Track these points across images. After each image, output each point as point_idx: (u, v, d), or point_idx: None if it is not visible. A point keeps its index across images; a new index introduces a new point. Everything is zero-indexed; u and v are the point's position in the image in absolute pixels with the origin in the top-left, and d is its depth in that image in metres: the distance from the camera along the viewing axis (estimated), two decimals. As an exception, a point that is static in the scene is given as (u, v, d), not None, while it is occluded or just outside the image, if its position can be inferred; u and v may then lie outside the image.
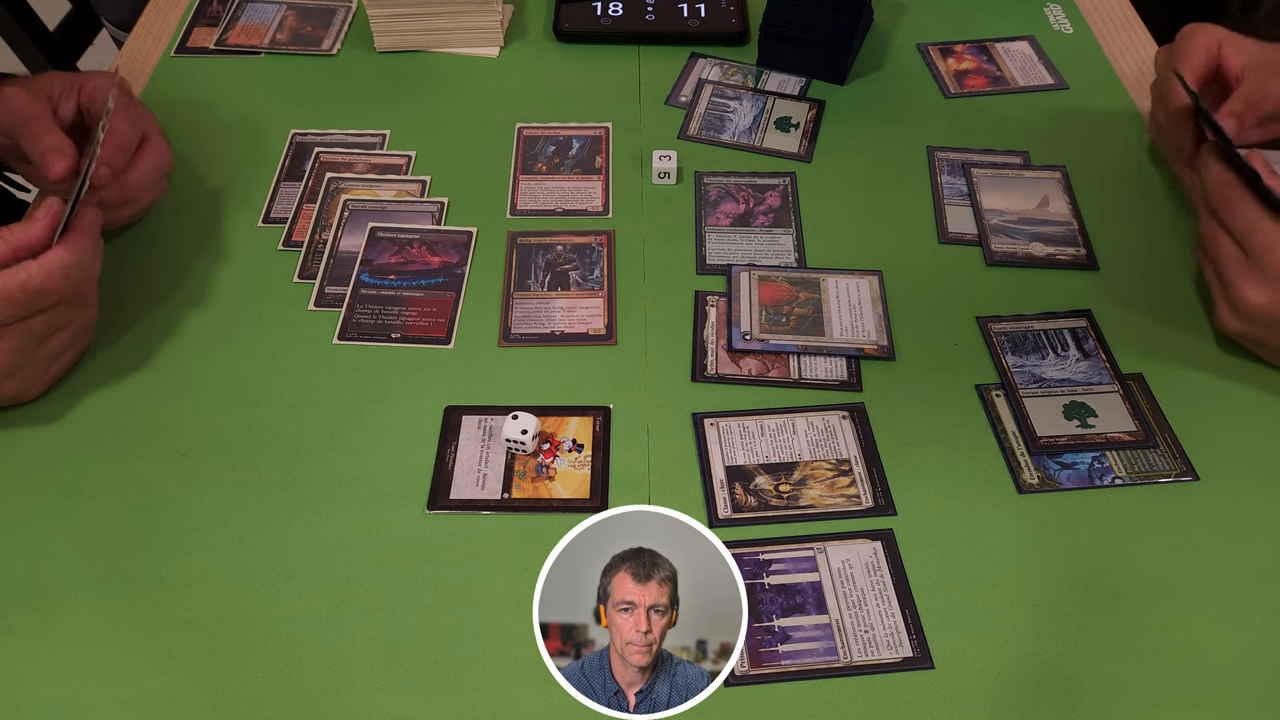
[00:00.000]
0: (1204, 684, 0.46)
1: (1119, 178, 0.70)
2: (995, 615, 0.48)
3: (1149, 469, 0.54)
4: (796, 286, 0.63)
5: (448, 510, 0.53)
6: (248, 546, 0.51)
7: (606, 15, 0.81)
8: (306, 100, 0.77)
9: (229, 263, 0.65)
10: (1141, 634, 0.48)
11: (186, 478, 0.54)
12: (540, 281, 0.64)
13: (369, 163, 0.72)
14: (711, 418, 0.56)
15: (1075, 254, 0.65)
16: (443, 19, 0.79)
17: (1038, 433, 0.55)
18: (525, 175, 0.71)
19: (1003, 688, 0.46)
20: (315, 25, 0.83)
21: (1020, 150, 0.72)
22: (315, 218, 0.68)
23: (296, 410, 0.57)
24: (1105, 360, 0.59)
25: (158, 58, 0.81)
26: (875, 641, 0.48)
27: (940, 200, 0.69)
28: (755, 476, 0.54)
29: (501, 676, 0.47)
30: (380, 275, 0.64)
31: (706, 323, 0.61)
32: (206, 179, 0.71)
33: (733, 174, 0.71)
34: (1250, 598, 0.49)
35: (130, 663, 0.47)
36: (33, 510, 0.53)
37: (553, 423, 0.56)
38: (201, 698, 0.46)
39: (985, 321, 0.61)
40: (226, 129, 0.74)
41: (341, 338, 0.61)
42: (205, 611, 0.49)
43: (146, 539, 0.51)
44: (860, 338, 0.60)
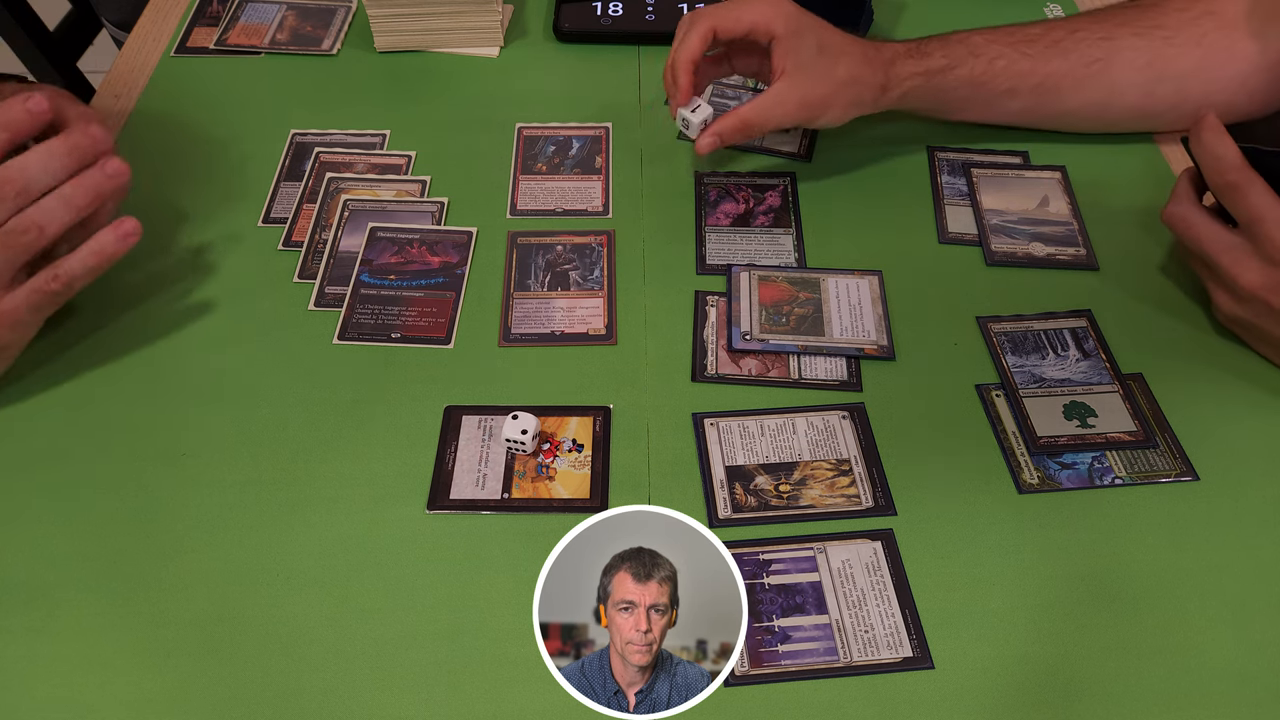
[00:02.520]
0: (1204, 684, 0.46)
1: (1119, 178, 0.70)
2: (995, 615, 0.48)
3: (1149, 469, 0.54)
4: (796, 286, 0.63)
5: (448, 510, 0.53)
6: (247, 546, 0.51)
7: (606, 15, 0.81)
8: (306, 100, 0.77)
9: (229, 263, 0.65)
10: (1141, 634, 0.48)
11: (186, 478, 0.54)
12: (540, 281, 0.64)
13: (369, 163, 0.72)
14: (711, 418, 0.56)
15: (1075, 254, 0.65)
16: (443, 19, 0.79)
17: (1038, 433, 0.55)
18: (525, 175, 0.71)
19: (1003, 688, 0.46)
20: (315, 25, 0.83)
21: (1020, 150, 0.72)
22: (315, 218, 0.68)
23: (296, 410, 0.57)
24: (1105, 360, 0.59)
25: (158, 58, 0.81)
26: (875, 641, 0.48)
27: (940, 200, 0.69)
28: (755, 476, 0.54)
29: (501, 676, 0.47)
30: (380, 275, 0.64)
31: (706, 323, 0.61)
32: (206, 179, 0.71)
33: (733, 174, 0.71)
34: (1250, 598, 0.49)
35: (130, 663, 0.47)
36: (33, 510, 0.53)
37: (553, 423, 0.56)
38: (201, 698, 0.46)
39: (985, 321, 0.61)
40: (226, 129, 0.74)
41: (341, 338, 0.61)
42: (205, 611, 0.49)
43: (146, 539, 0.51)
44: (860, 338, 0.60)
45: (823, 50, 0.63)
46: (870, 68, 0.64)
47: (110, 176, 0.55)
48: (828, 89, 0.64)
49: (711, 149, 0.65)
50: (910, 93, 0.66)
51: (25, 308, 0.54)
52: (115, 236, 0.55)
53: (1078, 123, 0.71)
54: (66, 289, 0.55)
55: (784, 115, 0.64)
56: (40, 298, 0.54)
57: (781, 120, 0.65)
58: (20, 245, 0.53)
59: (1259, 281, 0.54)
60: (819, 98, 0.64)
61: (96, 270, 0.55)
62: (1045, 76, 0.67)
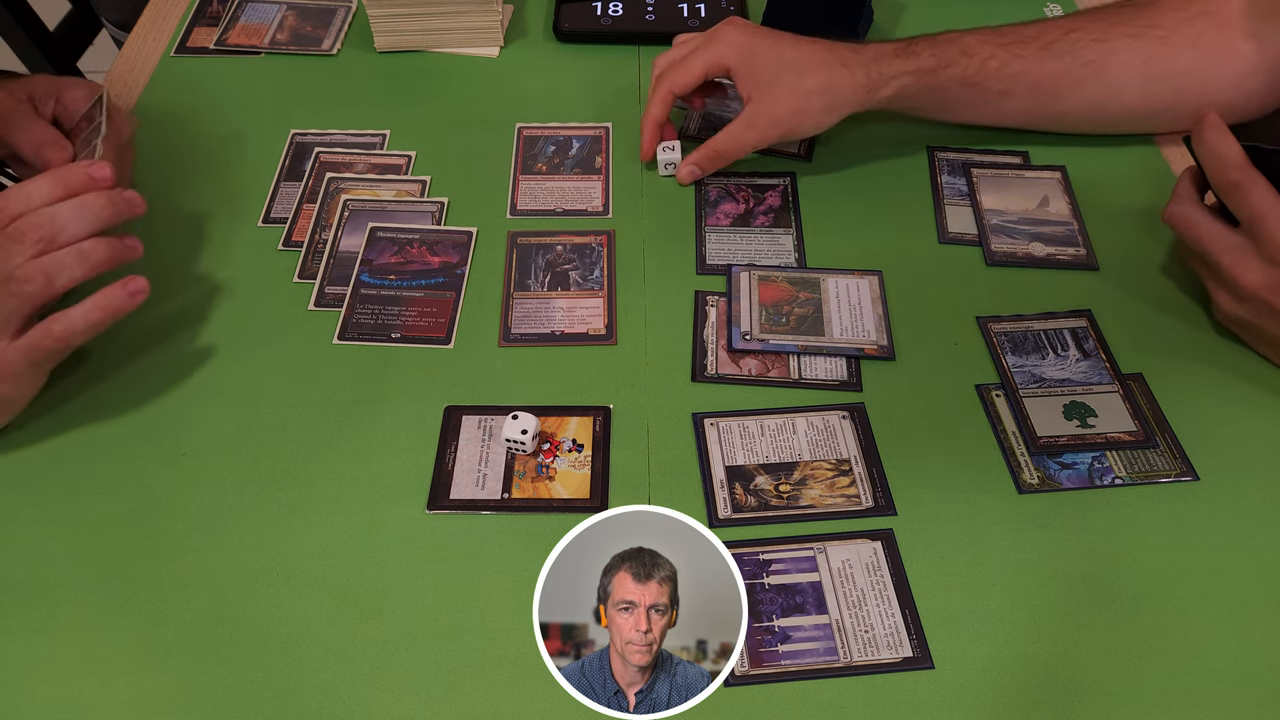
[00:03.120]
0: (1204, 684, 0.46)
1: (1119, 178, 0.70)
2: (995, 615, 0.48)
3: (1149, 469, 0.54)
4: (796, 286, 0.63)
5: (448, 510, 0.53)
6: (248, 546, 0.51)
7: (606, 15, 0.81)
8: (306, 100, 0.77)
9: (229, 263, 0.65)
10: (1141, 634, 0.48)
11: (186, 478, 0.54)
12: (540, 281, 0.64)
13: (369, 163, 0.72)
14: (711, 418, 0.56)
15: (1075, 254, 0.65)
16: (443, 19, 0.79)
17: (1038, 433, 0.55)
18: (525, 175, 0.71)
19: (1003, 688, 0.46)
20: (315, 25, 0.83)
21: (1020, 150, 0.72)
22: (315, 218, 0.68)
23: (296, 410, 0.57)
24: (1105, 360, 0.59)
25: (158, 58, 0.81)
26: (875, 641, 0.48)
27: (940, 200, 0.69)
28: (755, 476, 0.54)
29: (501, 676, 0.47)
30: (380, 275, 0.64)
31: (706, 323, 0.61)
32: (206, 179, 0.71)
33: (733, 174, 0.71)
34: (1250, 598, 0.49)
35: (130, 663, 0.47)
36: (33, 510, 0.53)
37: (553, 423, 0.56)
38: (201, 698, 0.46)
39: (985, 321, 0.61)
40: (226, 129, 0.74)
41: (341, 338, 0.61)
42: (205, 611, 0.49)
43: (146, 539, 0.51)
44: (860, 338, 0.60)
45: (784, 66, 0.64)
46: (847, 69, 0.65)
47: (129, 249, 0.54)
48: (797, 101, 0.64)
49: (693, 179, 0.70)
50: (902, 92, 0.66)
51: (22, 361, 0.52)
52: (125, 294, 0.53)
53: (1076, 123, 0.71)
54: (64, 344, 0.52)
55: (758, 137, 0.66)
56: (37, 352, 0.52)
57: (757, 142, 0.67)
58: (24, 295, 0.51)
59: (1260, 281, 0.54)
60: (789, 111, 0.65)
61: (99, 326, 0.53)
62: (1040, 77, 0.67)
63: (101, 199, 0.53)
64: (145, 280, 0.54)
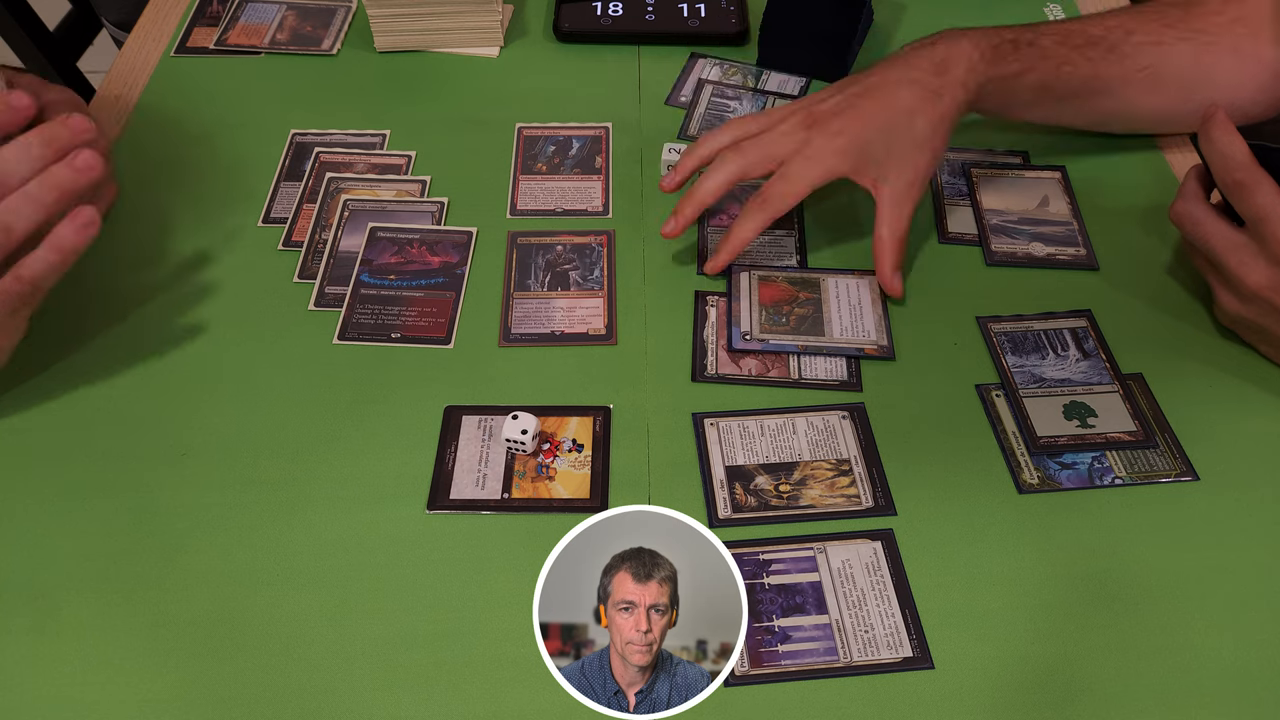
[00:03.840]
0: (1204, 684, 0.46)
1: (1119, 178, 0.70)
2: (995, 615, 0.48)
3: (1149, 469, 0.54)
4: (796, 286, 0.63)
5: (448, 510, 0.53)
6: (248, 546, 0.51)
7: (606, 15, 0.81)
8: (306, 100, 0.77)
9: (229, 263, 0.65)
10: (1141, 634, 0.48)
11: (186, 478, 0.54)
12: (540, 281, 0.64)
13: (369, 163, 0.72)
14: (711, 418, 0.56)
15: (1075, 254, 0.65)
16: (443, 19, 0.79)
17: (1038, 433, 0.55)
18: (525, 175, 0.71)
19: (1003, 688, 0.46)
20: (315, 25, 0.83)
21: (1020, 150, 0.72)
22: (315, 218, 0.68)
23: (296, 410, 0.57)
24: (1105, 360, 0.59)
25: (158, 58, 0.81)
26: (875, 641, 0.48)
27: (940, 200, 0.69)
28: (755, 476, 0.54)
29: (501, 676, 0.47)
30: (380, 275, 0.64)
31: (706, 323, 0.61)
32: (206, 179, 0.71)
33: (733, 174, 0.71)
34: (1250, 598, 0.49)
35: (130, 663, 0.47)
36: (33, 510, 0.53)
37: (553, 423, 0.56)
38: (201, 698, 0.46)
39: (985, 321, 0.61)
40: (226, 129, 0.74)
41: (341, 338, 0.61)
42: (205, 611, 0.49)
43: (146, 539, 0.51)
44: (860, 338, 0.60)
45: (889, 132, 0.60)
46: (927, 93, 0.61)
47: (79, 170, 0.52)
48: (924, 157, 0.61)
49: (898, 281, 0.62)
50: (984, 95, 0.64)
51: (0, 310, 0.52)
52: (72, 229, 0.52)
53: (1115, 124, 0.70)
54: (33, 288, 0.52)
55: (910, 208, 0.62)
56: (12, 299, 0.52)
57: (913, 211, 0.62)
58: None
59: (1264, 281, 0.54)
60: (922, 170, 0.61)
61: (60, 266, 0.52)
62: (1102, 81, 0.66)
63: (36, 137, 0.51)
64: (92, 209, 0.52)
